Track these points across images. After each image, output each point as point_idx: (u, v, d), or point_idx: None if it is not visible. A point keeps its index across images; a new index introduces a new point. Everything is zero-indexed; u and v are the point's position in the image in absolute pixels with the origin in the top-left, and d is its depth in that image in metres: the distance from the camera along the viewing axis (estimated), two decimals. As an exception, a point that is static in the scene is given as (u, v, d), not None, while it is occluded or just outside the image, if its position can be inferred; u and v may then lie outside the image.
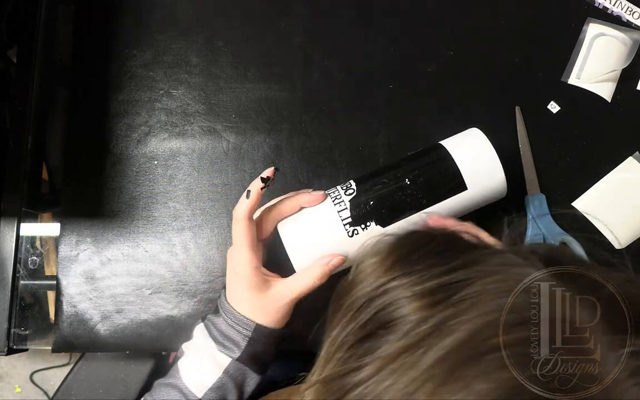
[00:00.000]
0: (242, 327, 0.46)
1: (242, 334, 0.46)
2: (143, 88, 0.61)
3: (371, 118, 0.61)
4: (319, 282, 0.46)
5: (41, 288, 0.59)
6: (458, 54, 0.62)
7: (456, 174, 0.49)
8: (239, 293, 0.47)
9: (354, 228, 0.47)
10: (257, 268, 0.47)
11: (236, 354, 0.46)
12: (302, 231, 0.48)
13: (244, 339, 0.46)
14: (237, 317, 0.46)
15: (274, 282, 0.47)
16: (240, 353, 0.46)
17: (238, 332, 0.46)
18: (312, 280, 0.46)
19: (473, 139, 0.51)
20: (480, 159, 0.50)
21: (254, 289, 0.46)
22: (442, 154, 0.50)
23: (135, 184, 0.59)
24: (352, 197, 0.48)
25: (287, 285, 0.47)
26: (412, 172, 0.49)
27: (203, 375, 0.46)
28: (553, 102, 0.61)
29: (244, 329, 0.46)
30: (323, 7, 0.63)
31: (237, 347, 0.46)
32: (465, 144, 0.51)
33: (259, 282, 0.46)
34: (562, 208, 0.59)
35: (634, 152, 0.60)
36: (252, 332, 0.46)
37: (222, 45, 0.62)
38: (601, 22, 0.62)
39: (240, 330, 0.46)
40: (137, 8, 0.63)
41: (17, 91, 0.61)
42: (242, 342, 0.46)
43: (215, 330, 0.47)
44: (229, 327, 0.47)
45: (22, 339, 0.58)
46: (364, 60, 0.62)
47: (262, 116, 0.61)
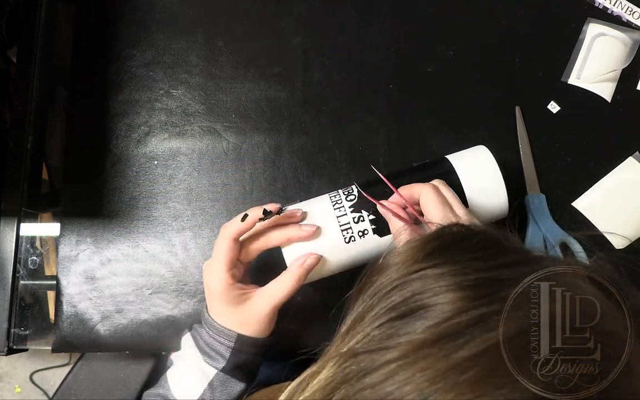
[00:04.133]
0: (225, 339, 0.46)
1: (225, 345, 0.46)
2: (143, 88, 0.61)
3: (371, 118, 0.61)
4: (297, 285, 0.46)
5: (41, 288, 0.59)
6: (458, 54, 0.62)
7: (459, 194, 0.48)
8: (217, 307, 0.47)
9: (352, 235, 0.47)
10: (231, 285, 0.46)
11: (221, 364, 0.46)
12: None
13: (227, 349, 0.46)
14: (218, 329, 0.47)
15: (252, 294, 0.47)
16: (224, 363, 0.46)
17: (221, 344, 0.47)
18: (289, 284, 0.46)
19: (481, 159, 0.50)
20: (486, 183, 0.49)
21: (231, 305, 0.46)
22: (446, 170, 0.49)
23: (135, 184, 0.59)
24: (353, 203, 0.47)
25: (265, 295, 0.47)
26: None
27: (190, 386, 0.47)
28: (553, 102, 0.61)
29: (227, 340, 0.46)
30: (323, 7, 0.63)
31: (221, 357, 0.46)
32: (472, 164, 0.50)
33: (235, 296, 0.46)
34: (562, 208, 0.59)
35: (634, 152, 0.60)
36: (234, 343, 0.46)
37: (222, 45, 0.62)
38: (601, 22, 0.62)
39: (223, 341, 0.46)
40: (137, 8, 0.63)
41: (17, 91, 0.61)
42: (226, 352, 0.46)
43: (202, 341, 0.48)
44: (211, 338, 0.47)
45: (22, 339, 0.58)
46: (364, 60, 0.62)
47: (262, 116, 0.61)
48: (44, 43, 0.63)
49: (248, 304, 0.47)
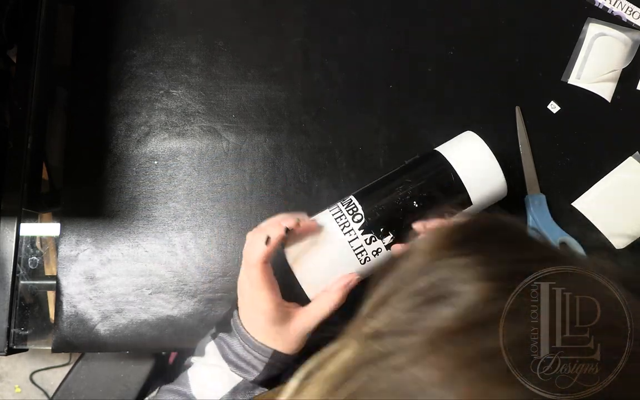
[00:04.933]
0: (260, 354, 0.46)
1: (259, 359, 0.46)
2: (143, 88, 0.61)
3: (371, 118, 0.61)
4: (339, 305, 0.46)
5: (41, 288, 0.59)
6: (458, 54, 0.62)
7: (462, 190, 0.49)
8: (259, 325, 0.46)
9: (366, 256, 0.47)
10: (279, 305, 0.46)
11: (252, 376, 0.46)
12: (316, 265, 0.47)
13: (261, 363, 0.46)
14: (255, 344, 0.46)
15: (294, 313, 0.47)
16: (256, 375, 0.46)
17: (255, 357, 0.46)
18: (332, 305, 0.46)
19: (472, 146, 0.51)
20: (482, 169, 0.50)
21: (277, 324, 0.46)
22: (444, 167, 0.50)
23: (135, 184, 0.59)
24: (362, 224, 0.47)
25: (309, 316, 0.46)
26: (417, 191, 0.49)
27: (214, 388, 0.46)
28: (553, 102, 0.61)
29: (262, 355, 0.46)
30: (323, 7, 0.63)
31: (254, 369, 0.46)
32: (466, 154, 0.50)
33: (282, 316, 0.46)
34: (562, 208, 0.59)
35: (634, 152, 0.60)
36: (269, 358, 0.46)
37: (222, 45, 0.62)
38: (601, 22, 0.62)
39: (258, 355, 0.46)
40: (137, 8, 0.63)
41: (17, 91, 0.61)
42: (260, 366, 0.46)
43: (231, 352, 0.47)
44: (245, 352, 0.46)
45: (22, 339, 0.58)
46: (364, 60, 0.62)
47: (262, 116, 0.61)
48: (44, 43, 0.63)
49: (292, 323, 0.46)
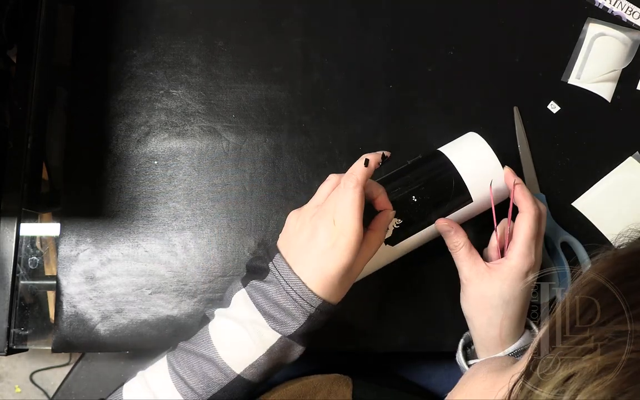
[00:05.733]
0: (306, 303, 0.40)
1: (304, 309, 0.40)
2: (143, 88, 0.61)
3: (371, 118, 0.61)
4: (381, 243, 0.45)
5: (41, 288, 0.59)
6: (458, 54, 0.62)
7: (463, 190, 0.49)
8: (320, 264, 0.40)
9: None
10: (360, 238, 0.41)
11: (290, 330, 0.40)
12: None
13: (304, 314, 0.40)
14: (304, 291, 0.40)
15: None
16: (296, 329, 0.41)
17: (299, 306, 0.40)
18: (378, 243, 0.44)
19: (475, 146, 0.51)
20: (485, 169, 0.50)
21: (347, 265, 0.41)
22: (446, 167, 0.50)
23: (135, 184, 0.59)
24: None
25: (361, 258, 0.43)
26: (419, 189, 0.49)
27: (244, 352, 0.41)
28: (553, 102, 0.61)
29: (308, 305, 0.40)
30: (323, 7, 0.63)
31: (294, 321, 0.40)
32: (468, 154, 0.51)
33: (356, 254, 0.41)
34: (562, 208, 0.59)
35: (634, 152, 0.60)
36: (315, 309, 0.40)
37: (222, 45, 0.62)
38: (601, 22, 0.62)
39: (304, 305, 0.40)
40: (137, 8, 0.63)
41: (17, 91, 0.61)
42: (302, 318, 0.40)
43: (267, 301, 0.41)
44: (289, 299, 0.40)
45: (22, 339, 0.58)
46: (364, 60, 0.62)
47: (262, 116, 0.61)
48: (44, 43, 0.63)
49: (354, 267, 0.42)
